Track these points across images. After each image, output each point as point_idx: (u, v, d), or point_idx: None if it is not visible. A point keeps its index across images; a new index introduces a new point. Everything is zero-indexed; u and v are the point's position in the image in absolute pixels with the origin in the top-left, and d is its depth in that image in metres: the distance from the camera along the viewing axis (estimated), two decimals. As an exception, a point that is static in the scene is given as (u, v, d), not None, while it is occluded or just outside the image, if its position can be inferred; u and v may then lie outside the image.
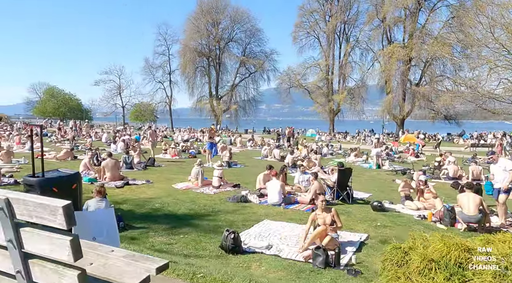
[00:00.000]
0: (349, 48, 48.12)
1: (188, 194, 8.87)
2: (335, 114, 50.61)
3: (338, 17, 46.62)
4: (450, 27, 40.31)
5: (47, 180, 4.49)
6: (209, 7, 52.64)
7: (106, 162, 10.31)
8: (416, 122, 55.75)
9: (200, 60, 53.75)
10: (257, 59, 53.83)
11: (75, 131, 27.98)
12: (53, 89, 64.53)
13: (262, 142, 24.34)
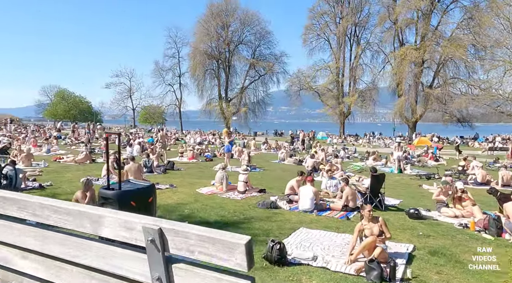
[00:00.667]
0: (360, 50, 47.85)
1: (215, 199, 8.70)
2: (346, 117, 50.28)
3: (349, 19, 46.36)
4: (463, 29, 39.90)
5: (125, 192, 4.26)
6: (219, 10, 52.70)
7: (129, 165, 10.20)
8: (427, 125, 55.22)
9: (210, 62, 53.77)
10: (266, 61, 53.69)
11: (89, 134, 28.02)
12: (64, 92, 65.08)
13: (276, 145, 24.13)
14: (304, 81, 51.32)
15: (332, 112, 50.72)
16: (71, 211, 1.20)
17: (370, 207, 5.07)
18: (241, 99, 54.38)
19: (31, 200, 1.30)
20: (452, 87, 40.80)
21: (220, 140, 27.94)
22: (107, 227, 1.13)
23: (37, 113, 67.92)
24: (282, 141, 28.51)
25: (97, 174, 11.84)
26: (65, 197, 8.36)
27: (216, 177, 9.84)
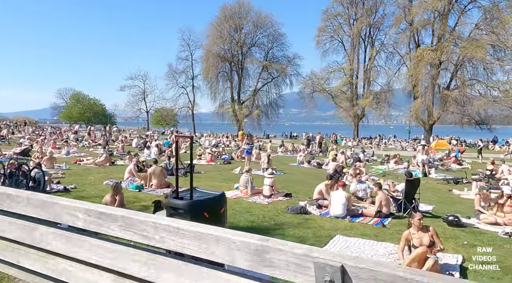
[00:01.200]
0: (374, 52, 47.29)
1: (241, 204, 8.51)
2: (360, 119, 49.71)
3: (363, 21, 45.91)
4: (481, 29, 39.07)
5: (197, 203, 3.98)
6: (232, 12, 52.80)
7: (152, 168, 10.08)
8: (444, 127, 54.12)
9: (223, 65, 53.85)
10: (279, 64, 53.51)
11: (105, 136, 28.19)
12: (79, 95, 65.98)
13: (293, 147, 23.85)
14: (317, 83, 51.00)
15: (345, 114, 50.23)
16: (203, 235, 0.99)
17: (420, 215, 4.79)
18: (253, 101, 54.23)
19: (138, 217, 1.10)
20: (470, 89, 39.96)
21: (235, 143, 27.79)
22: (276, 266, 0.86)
23: (52, 115, 68.98)
24: (297, 144, 28.20)
25: (119, 177, 11.75)
26: (91, 200, 8.26)
27: (241, 181, 9.65)
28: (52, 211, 1.18)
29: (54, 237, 1.23)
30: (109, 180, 10.84)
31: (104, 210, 1.16)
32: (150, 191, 9.72)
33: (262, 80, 54.62)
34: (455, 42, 38.67)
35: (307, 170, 15.83)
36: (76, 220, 1.15)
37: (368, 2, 47.08)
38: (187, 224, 1.06)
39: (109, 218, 1.13)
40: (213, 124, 66.82)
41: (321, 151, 23.56)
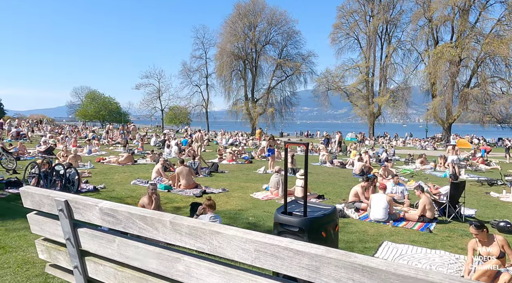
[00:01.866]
0: (391, 49, 46.45)
1: (274, 206, 8.25)
2: (376, 118, 48.99)
3: (380, 17, 45.08)
4: (502, 25, 37.91)
5: (315, 220, 3.35)
6: (246, 10, 52.59)
7: (180, 168, 9.92)
8: (462, 126, 53.00)
9: (236, 63, 53.76)
10: (293, 61, 53.09)
11: (123, 134, 28.29)
12: (94, 93, 66.75)
13: (312, 146, 23.52)
14: (332, 81, 50.47)
15: (361, 113, 49.59)
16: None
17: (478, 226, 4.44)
18: (267, 99, 54.00)
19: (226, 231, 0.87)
20: (492, 86, 38.92)
21: (253, 141, 27.58)
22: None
23: (69, 114, 69.94)
24: (315, 143, 27.85)
25: (145, 176, 11.66)
26: (124, 201, 8.15)
27: (271, 181, 9.41)
28: (208, 241, 0.96)
29: (209, 274, 1.00)
30: (136, 180, 10.75)
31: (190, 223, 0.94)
32: (179, 191, 9.56)
33: (276, 78, 54.34)
34: (477, 39, 37.60)
35: (331, 170, 15.51)
36: (247, 255, 0.93)
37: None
38: (305, 246, 0.88)
39: (186, 229, 0.92)
40: (226, 123, 66.99)
41: (340, 150, 23.15)
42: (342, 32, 50.11)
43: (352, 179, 13.08)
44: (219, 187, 10.32)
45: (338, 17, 49.97)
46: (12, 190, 8.72)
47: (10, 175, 10.72)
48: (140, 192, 9.26)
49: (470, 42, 38.15)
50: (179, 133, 42.56)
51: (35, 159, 14.43)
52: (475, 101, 38.02)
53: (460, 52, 37.49)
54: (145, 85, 50.22)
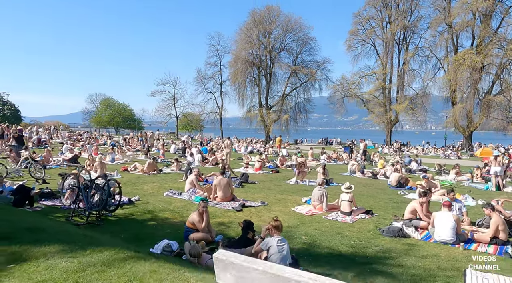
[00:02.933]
0: (409, 56, 45.67)
1: (323, 222, 7.71)
2: (393, 125, 48.12)
3: (398, 23, 44.43)
4: None
5: None
6: (261, 17, 52.61)
7: (218, 180, 9.43)
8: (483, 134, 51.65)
9: (251, 70, 53.66)
10: (308, 68, 52.70)
11: (141, 141, 28.07)
12: (109, 100, 67.20)
13: (336, 155, 22.87)
14: (348, 88, 49.92)
15: (378, 120, 48.81)
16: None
17: None
18: (282, 106, 53.65)
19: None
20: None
21: (273, 150, 27.05)
22: None
23: (84, 120, 70.52)
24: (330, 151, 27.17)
25: (176, 187, 11.23)
26: (163, 215, 7.73)
27: (314, 195, 8.85)
28: None
29: None
30: (169, 191, 10.31)
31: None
32: (216, 204, 9.07)
33: (290, 85, 54.06)
34: (501, 44, 36.67)
35: (363, 181, 14.87)
36: None
37: (403, 4, 45.67)
38: None
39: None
40: (239, 129, 66.71)
41: (365, 159, 22.46)
42: (358, 38, 49.68)
43: (390, 191, 12.44)
44: (256, 199, 9.81)
45: (354, 24, 49.57)
46: (46, 202, 8.37)
47: (40, 185, 10.40)
48: (176, 205, 8.82)
49: (493, 48, 37.25)
50: (194, 140, 42.38)
51: (66, 169, 14.17)
52: (498, 108, 36.95)
53: (482, 59, 36.57)
54: (161, 92, 50.28)
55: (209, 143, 32.40)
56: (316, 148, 30.58)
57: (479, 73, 37.19)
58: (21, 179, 11.28)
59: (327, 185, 12.89)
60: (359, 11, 49.01)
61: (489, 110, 37.29)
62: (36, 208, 7.61)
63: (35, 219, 6.17)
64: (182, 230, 6.69)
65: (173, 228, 6.85)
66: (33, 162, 11.75)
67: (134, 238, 6.11)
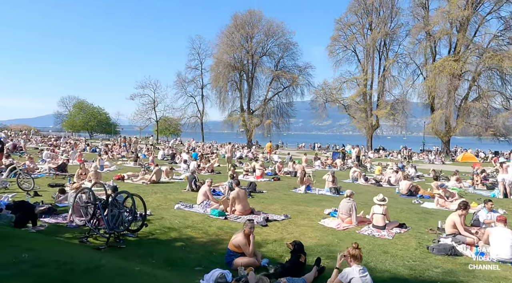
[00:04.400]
0: (389, 62, 46.54)
1: (360, 238, 7.12)
2: (374, 130, 48.82)
3: (381, 30, 45.20)
4: (497, 39, 38.45)
5: None
6: (243, 21, 52.28)
7: (236, 191, 8.71)
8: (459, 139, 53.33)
9: (233, 74, 53.12)
10: (290, 73, 52.77)
11: (124, 147, 26.72)
12: (83, 103, 64.51)
13: (331, 161, 22.55)
14: (330, 93, 50.27)
15: (359, 125, 49.35)
16: None
17: None
18: (263, 111, 53.31)
19: None
20: (492, 100, 39.31)
21: (263, 155, 26.45)
22: None
23: (55, 124, 67.25)
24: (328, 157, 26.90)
25: (183, 198, 10.40)
26: (186, 233, 6.92)
27: (342, 207, 8.30)
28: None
29: None
30: (179, 204, 9.48)
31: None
32: (236, 218, 8.33)
33: (272, 90, 53.88)
34: (478, 53, 38.03)
35: (369, 188, 14.53)
36: None
37: (384, 11, 46.60)
38: None
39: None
40: (221, 134, 65.70)
41: (359, 165, 22.26)
42: (339, 44, 50.12)
43: (402, 200, 12.11)
44: (275, 211, 9.17)
45: (336, 30, 49.99)
46: (48, 219, 7.36)
47: (32, 198, 9.27)
48: (194, 220, 8.02)
49: (470, 56, 38.57)
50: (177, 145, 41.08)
51: (54, 179, 12.95)
52: (477, 115, 38.20)
53: (462, 66, 37.75)
54: (141, 95, 48.59)
55: (194, 148, 31.34)
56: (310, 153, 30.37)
57: (458, 80, 38.32)
58: (7, 191, 10.07)
59: (338, 193, 12.47)
60: (341, 17, 49.55)
61: (469, 116, 38.45)
62: (39, 227, 6.61)
63: (66, 250, 5.23)
64: (214, 250, 5.99)
65: (205, 249, 6.09)
66: (21, 172, 10.54)
67: (166, 262, 5.32)
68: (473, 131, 39.15)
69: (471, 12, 37.92)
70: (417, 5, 43.65)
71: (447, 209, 10.32)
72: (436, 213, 9.87)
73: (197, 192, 11.71)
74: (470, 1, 37.45)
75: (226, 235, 6.94)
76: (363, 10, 47.75)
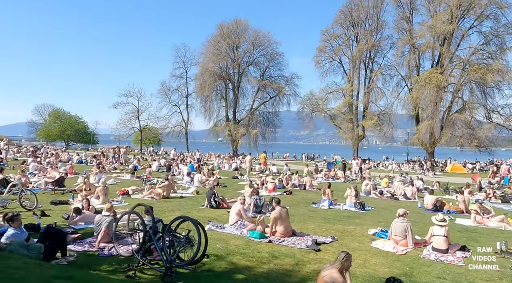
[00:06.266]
0: (375, 74, 47.21)
1: (431, 265, 6.44)
2: (360, 141, 49.15)
3: (368, 42, 45.88)
4: (477, 54, 39.80)
5: None
6: (229, 30, 51.97)
7: (278, 211, 7.85)
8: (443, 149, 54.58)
9: (218, 83, 52.42)
10: (276, 83, 52.64)
11: (113, 158, 25.21)
12: (59, 112, 61.60)
13: (334, 173, 22.00)
14: (316, 103, 50.36)
15: (346, 136, 49.54)
16: None
17: None
18: (249, 121, 52.71)
19: None
20: (475, 113, 40.47)
21: (260, 167, 25.61)
22: None
23: (29, 133, 63.74)
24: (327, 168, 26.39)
25: (206, 217, 9.43)
26: (239, 263, 6.02)
27: (396, 227, 7.61)
28: None
29: None
30: (210, 224, 8.53)
31: None
32: (280, 241, 7.47)
33: (258, 100, 53.44)
34: (463, 66, 39.17)
35: (387, 202, 14.01)
36: None
37: (370, 24, 47.45)
38: None
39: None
40: (207, 144, 64.30)
41: (361, 177, 21.88)
42: (326, 55, 50.47)
43: (430, 216, 11.59)
44: (314, 232, 8.39)
45: (322, 41, 50.41)
46: (72, 245, 6.25)
47: (39, 218, 8.05)
48: (236, 244, 7.10)
49: (454, 68, 39.70)
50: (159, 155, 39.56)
51: (52, 194, 11.66)
52: (462, 126, 39.10)
53: (447, 78, 38.71)
54: (124, 104, 46.78)
55: (199, 159, 30.00)
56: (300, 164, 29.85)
57: (444, 92, 39.22)
58: (7, 210, 8.78)
59: (363, 209, 11.86)
60: (327, 28, 50.05)
61: (454, 127, 39.31)
62: (69, 258, 5.53)
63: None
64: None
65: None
66: (23, 188, 9.27)
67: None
68: (459, 143, 39.99)
69: (456, 27, 39.12)
70: (402, 19, 44.74)
71: (485, 226, 9.89)
72: (478, 231, 9.40)
73: (216, 208, 10.85)
74: (455, 15, 38.66)
75: (285, 264, 6.10)
76: (349, 22, 48.48)
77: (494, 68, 36.83)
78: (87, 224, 7.88)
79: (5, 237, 5.38)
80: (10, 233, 5.42)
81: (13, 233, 5.43)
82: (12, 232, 5.44)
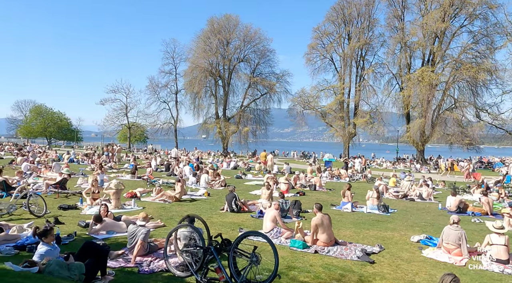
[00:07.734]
0: (366, 72, 47.19)
1: (501, 279, 5.99)
2: (351, 138, 49.15)
3: (360, 40, 45.77)
4: (467, 52, 40.27)
5: None
6: (219, 26, 51.00)
7: (320, 217, 7.19)
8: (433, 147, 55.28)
9: (208, 80, 51.39)
10: (267, 80, 52.00)
11: (107, 156, 24.04)
12: (41, 108, 59.20)
13: (338, 172, 21.54)
14: (307, 101, 50.02)
15: (338, 133, 49.44)
16: None
17: None
18: (240, 118, 51.97)
19: None
20: (466, 111, 40.96)
21: (260, 166, 24.94)
22: None
23: (8, 130, 61.01)
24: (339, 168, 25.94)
25: (230, 222, 8.72)
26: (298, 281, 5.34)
27: (448, 235, 7.08)
28: None
29: None
30: (241, 230, 7.82)
31: None
32: (325, 251, 6.84)
33: (249, 97, 52.73)
34: (455, 64, 39.52)
35: (405, 204, 13.62)
36: None
37: (361, 22, 47.32)
38: None
39: None
40: (196, 141, 63.25)
41: (365, 176, 21.56)
42: (317, 52, 50.12)
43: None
44: (353, 239, 7.81)
45: (314, 38, 50.05)
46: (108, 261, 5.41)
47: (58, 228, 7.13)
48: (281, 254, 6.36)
49: (446, 67, 40.04)
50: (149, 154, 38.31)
51: (56, 198, 10.64)
52: (454, 124, 39.53)
53: (439, 76, 38.99)
54: (112, 100, 45.15)
55: (199, 159, 28.95)
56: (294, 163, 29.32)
57: (435, 90, 39.52)
58: (14, 217, 7.84)
59: (387, 212, 11.38)
60: (319, 26, 49.64)
61: (446, 126, 39.69)
62: (109, 277, 4.73)
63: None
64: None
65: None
66: (31, 192, 8.31)
67: None
68: (450, 141, 40.42)
69: (449, 25, 39.39)
70: (393, 17, 44.76)
71: (517, 228, 9.57)
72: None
73: (238, 212, 10.15)
74: (448, 13, 38.90)
75: (349, 281, 5.47)
76: (341, 19, 48.21)
77: (485, 67, 37.28)
78: (110, 233, 7.04)
79: (38, 255, 4.56)
80: (43, 250, 4.60)
81: (47, 249, 4.61)
82: (46, 248, 4.62)
